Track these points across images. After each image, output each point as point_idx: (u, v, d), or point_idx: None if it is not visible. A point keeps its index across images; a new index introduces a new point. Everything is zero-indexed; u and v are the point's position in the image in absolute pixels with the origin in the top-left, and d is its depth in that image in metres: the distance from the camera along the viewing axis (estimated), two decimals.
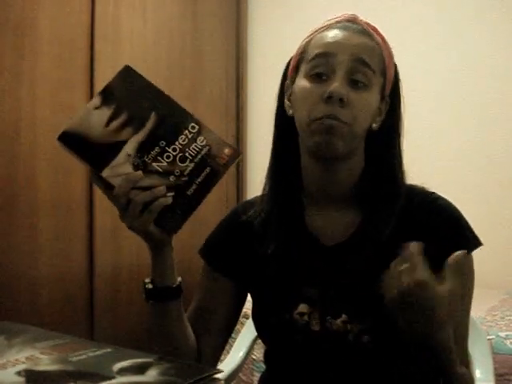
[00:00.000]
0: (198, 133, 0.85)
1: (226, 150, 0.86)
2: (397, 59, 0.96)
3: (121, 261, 2.33)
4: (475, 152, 2.59)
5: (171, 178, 0.83)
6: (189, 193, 0.84)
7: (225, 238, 1.03)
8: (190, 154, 0.84)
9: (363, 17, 0.97)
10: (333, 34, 0.91)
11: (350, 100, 0.87)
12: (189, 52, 2.70)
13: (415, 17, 2.70)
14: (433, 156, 2.60)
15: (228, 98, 2.95)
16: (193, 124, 0.85)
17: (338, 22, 0.94)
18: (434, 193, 0.96)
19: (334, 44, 0.90)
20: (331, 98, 0.86)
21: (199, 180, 0.85)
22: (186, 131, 0.84)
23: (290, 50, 1.00)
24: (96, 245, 2.25)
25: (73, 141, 0.82)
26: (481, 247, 0.92)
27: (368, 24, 0.94)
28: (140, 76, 0.85)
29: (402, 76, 0.98)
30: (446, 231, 0.90)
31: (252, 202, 1.05)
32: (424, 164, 2.45)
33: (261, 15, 3.07)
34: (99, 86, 2.23)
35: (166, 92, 0.85)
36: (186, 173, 0.84)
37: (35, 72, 2.05)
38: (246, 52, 3.04)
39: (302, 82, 0.92)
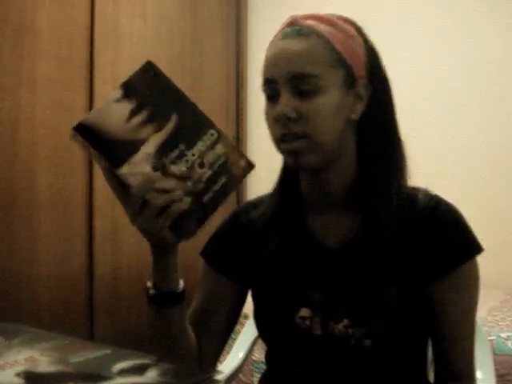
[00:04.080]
0: (217, 140, 0.83)
1: (242, 162, 0.84)
2: (401, 59, 0.95)
3: (120, 261, 2.33)
4: (478, 152, 2.58)
5: (188, 183, 0.80)
6: (204, 200, 0.81)
7: (226, 239, 1.03)
8: (208, 160, 0.82)
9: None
10: (272, 53, 0.90)
11: (302, 112, 0.86)
12: (189, 52, 2.70)
13: (421, 16, 2.70)
14: (436, 156, 2.59)
15: (228, 98, 2.95)
16: (212, 131, 0.83)
17: (280, 30, 0.92)
18: (436, 196, 0.93)
19: (272, 67, 0.89)
20: (280, 119, 0.87)
21: (216, 188, 0.82)
22: (205, 137, 0.82)
23: None
24: (95, 245, 2.24)
25: (90, 133, 0.78)
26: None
27: (310, 17, 0.90)
28: (162, 73, 0.83)
29: (406, 76, 0.95)
30: (446, 238, 0.89)
31: (254, 203, 1.04)
32: (427, 164, 2.44)
33: (261, 15, 3.07)
34: (99, 86, 2.24)
35: None
36: (203, 179, 0.81)
37: (35, 72, 2.05)
38: (246, 52, 3.04)
39: (264, 103, 0.92)
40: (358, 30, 0.91)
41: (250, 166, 0.85)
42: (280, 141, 0.89)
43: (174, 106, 0.82)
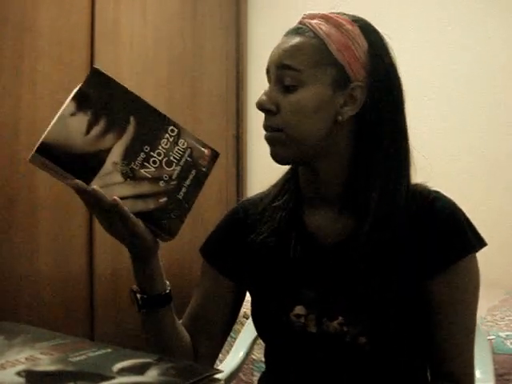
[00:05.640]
0: (178, 135, 0.83)
1: (206, 151, 0.85)
2: (403, 58, 0.95)
3: (121, 261, 2.33)
4: (480, 152, 2.58)
5: (161, 184, 0.81)
6: (180, 196, 0.82)
7: (225, 236, 1.03)
8: (174, 157, 0.82)
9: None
10: (273, 48, 0.93)
11: (281, 106, 0.88)
12: (189, 52, 2.71)
13: (425, 15, 2.70)
14: (438, 155, 2.59)
15: (228, 98, 2.95)
16: (172, 127, 0.83)
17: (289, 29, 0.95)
18: (435, 191, 0.93)
19: (269, 59, 0.92)
20: (260, 110, 0.90)
21: (187, 183, 0.83)
22: (167, 134, 0.82)
23: None
24: (96, 245, 2.25)
25: (54, 152, 0.76)
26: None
27: (319, 16, 0.91)
28: (111, 78, 0.81)
29: (409, 75, 0.94)
30: (443, 234, 0.89)
31: (253, 200, 1.04)
32: (429, 163, 2.44)
33: (261, 15, 3.07)
34: None
35: (165, 92, 0.83)
36: (173, 177, 0.82)
37: (35, 72, 2.05)
38: (246, 52, 3.04)
39: None
40: (367, 32, 0.91)
41: (215, 155, 0.85)
42: (264, 131, 0.92)
43: (129, 109, 0.80)
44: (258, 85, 0.97)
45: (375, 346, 0.87)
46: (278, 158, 0.91)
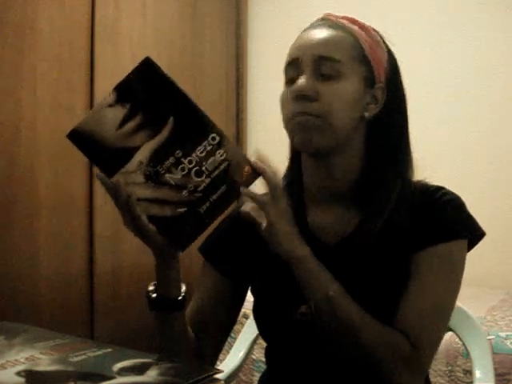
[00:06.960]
0: (219, 145, 0.78)
1: (247, 168, 0.79)
2: (404, 54, 0.96)
3: (121, 261, 2.33)
4: (481, 151, 2.58)
5: (184, 193, 0.77)
6: (201, 210, 0.78)
7: (226, 235, 1.03)
8: (206, 168, 0.78)
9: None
10: (300, 39, 0.93)
11: (321, 93, 0.88)
12: (189, 52, 2.71)
13: (425, 16, 2.70)
14: (438, 154, 2.59)
15: (228, 98, 2.95)
16: (214, 135, 0.78)
17: (312, 23, 0.96)
18: (438, 186, 0.95)
19: (298, 49, 0.92)
20: (297, 96, 0.88)
21: (214, 198, 0.78)
22: (205, 142, 0.78)
23: None
24: (96, 245, 2.25)
25: (83, 140, 0.76)
26: (481, 244, 0.92)
27: (343, 17, 0.94)
28: (161, 71, 0.76)
29: (411, 70, 0.96)
30: (437, 215, 0.90)
31: None
32: (430, 160, 2.44)
33: (261, 15, 3.07)
34: (99, 86, 2.24)
35: None
36: (200, 189, 0.78)
37: (35, 72, 2.05)
38: (246, 52, 3.04)
39: (283, 90, 0.94)
40: (384, 41, 0.95)
41: (255, 175, 0.80)
42: (291, 118, 0.90)
43: (172, 108, 0.77)
44: (258, 85, 0.97)
45: None
46: (311, 144, 0.89)
